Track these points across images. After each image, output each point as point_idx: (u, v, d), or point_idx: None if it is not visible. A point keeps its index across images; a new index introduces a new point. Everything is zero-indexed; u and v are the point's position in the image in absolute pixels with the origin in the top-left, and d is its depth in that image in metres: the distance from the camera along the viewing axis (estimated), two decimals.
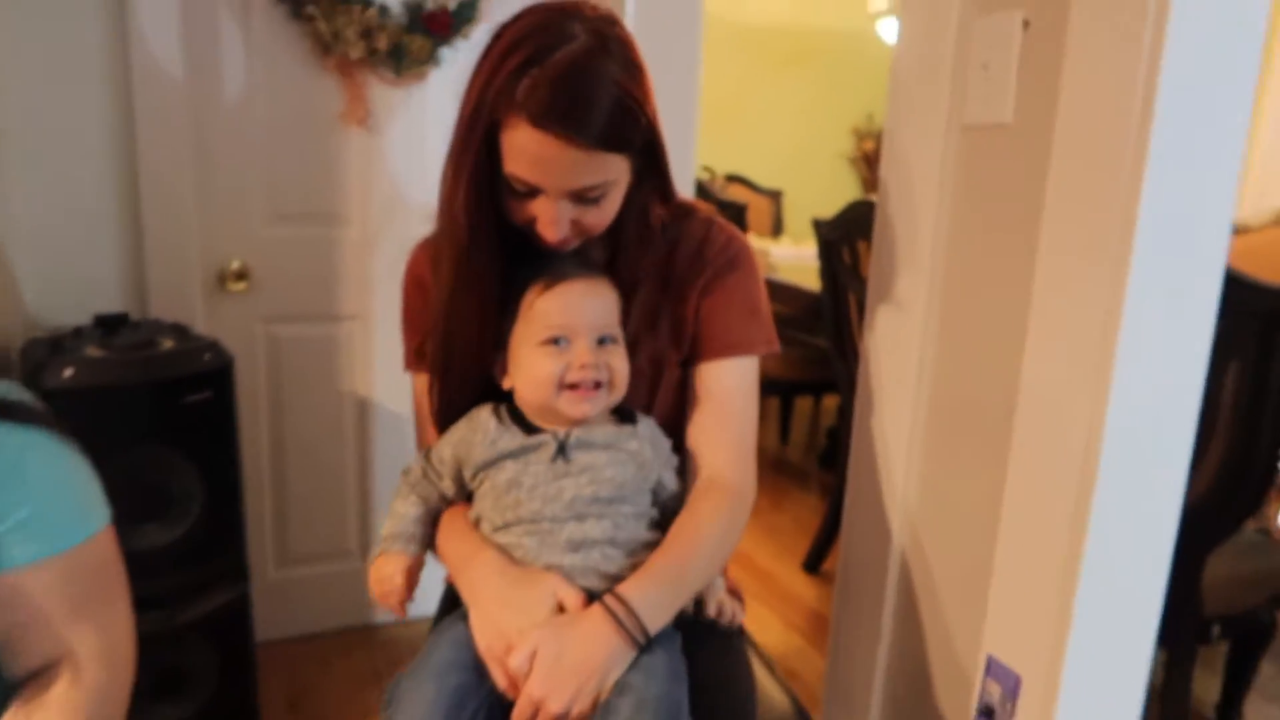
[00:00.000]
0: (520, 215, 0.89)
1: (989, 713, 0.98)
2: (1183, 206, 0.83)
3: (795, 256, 3.37)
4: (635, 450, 0.92)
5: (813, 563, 2.60)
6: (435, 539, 0.96)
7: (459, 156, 0.87)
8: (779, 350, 1.03)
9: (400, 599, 0.91)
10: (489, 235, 0.90)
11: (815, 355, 3.04)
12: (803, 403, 4.16)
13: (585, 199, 0.87)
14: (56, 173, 1.60)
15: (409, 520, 0.95)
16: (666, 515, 0.94)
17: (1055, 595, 0.91)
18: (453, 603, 0.95)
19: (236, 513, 1.53)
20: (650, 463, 0.93)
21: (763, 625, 2.30)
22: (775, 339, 1.03)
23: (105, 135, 1.61)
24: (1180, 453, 0.91)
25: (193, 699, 1.53)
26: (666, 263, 0.99)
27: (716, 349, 0.99)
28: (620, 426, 0.93)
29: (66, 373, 1.29)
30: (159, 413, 1.37)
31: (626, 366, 0.92)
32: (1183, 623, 1.42)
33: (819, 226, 2.31)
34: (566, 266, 0.92)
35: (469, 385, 0.96)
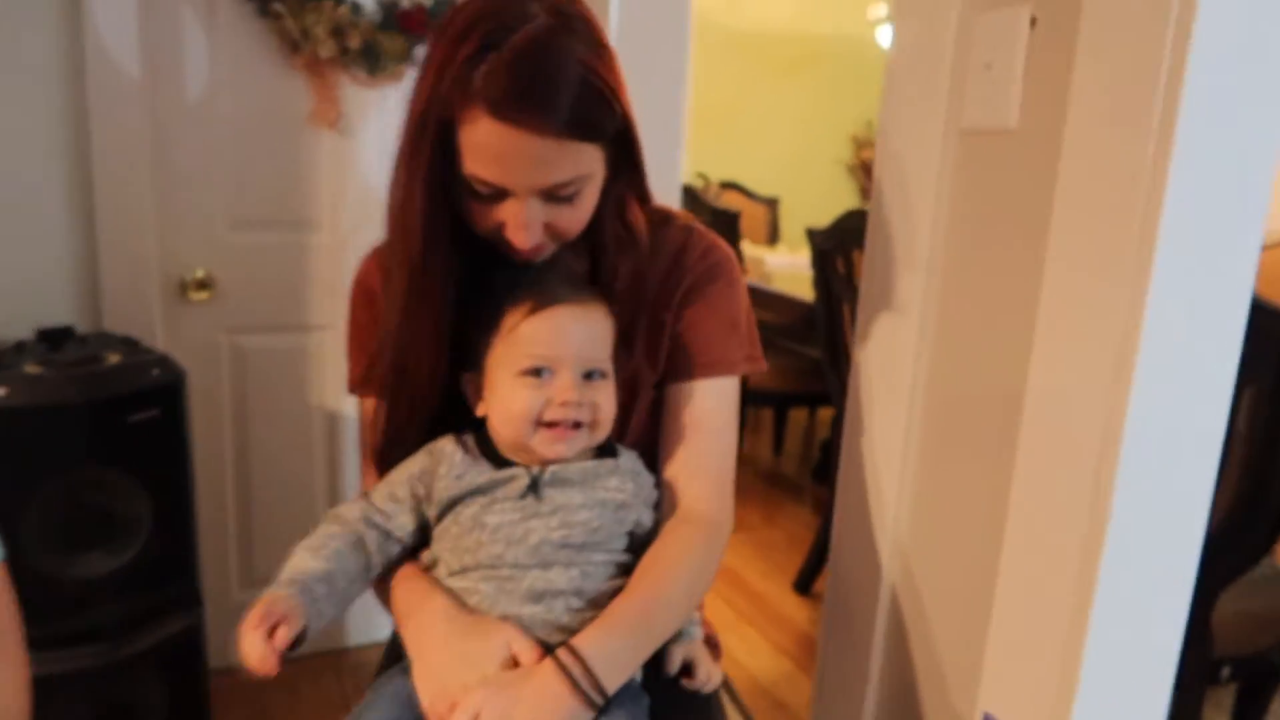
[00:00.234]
0: (485, 222, 0.80)
1: None
2: (1209, 219, 0.75)
3: (791, 265, 3.33)
4: (614, 489, 0.83)
5: (804, 583, 2.53)
6: (383, 594, 0.87)
7: (410, 158, 0.79)
8: (764, 368, 0.94)
9: (265, 658, 0.70)
10: (445, 246, 0.81)
11: (810, 366, 2.99)
12: (797, 414, 4.09)
13: (557, 198, 0.78)
14: (0, 174, 1.51)
15: (313, 576, 0.77)
16: (640, 557, 0.84)
17: (1060, 650, 0.83)
18: (397, 654, 0.86)
19: (188, 536, 1.44)
20: (630, 503, 0.84)
21: (751, 649, 2.22)
22: (759, 356, 0.94)
23: (56, 135, 1.52)
24: (1202, 487, 0.83)
25: None
26: (642, 274, 0.90)
27: (694, 368, 0.90)
28: (600, 461, 0.84)
29: (0, 391, 1.21)
30: (102, 433, 1.29)
31: (613, 405, 0.84)
32: (1192, 664, 1.34)
33: (813, 236, 2.27)
34: (557, 286, 0.83)
35: (421, 415, 0.86)
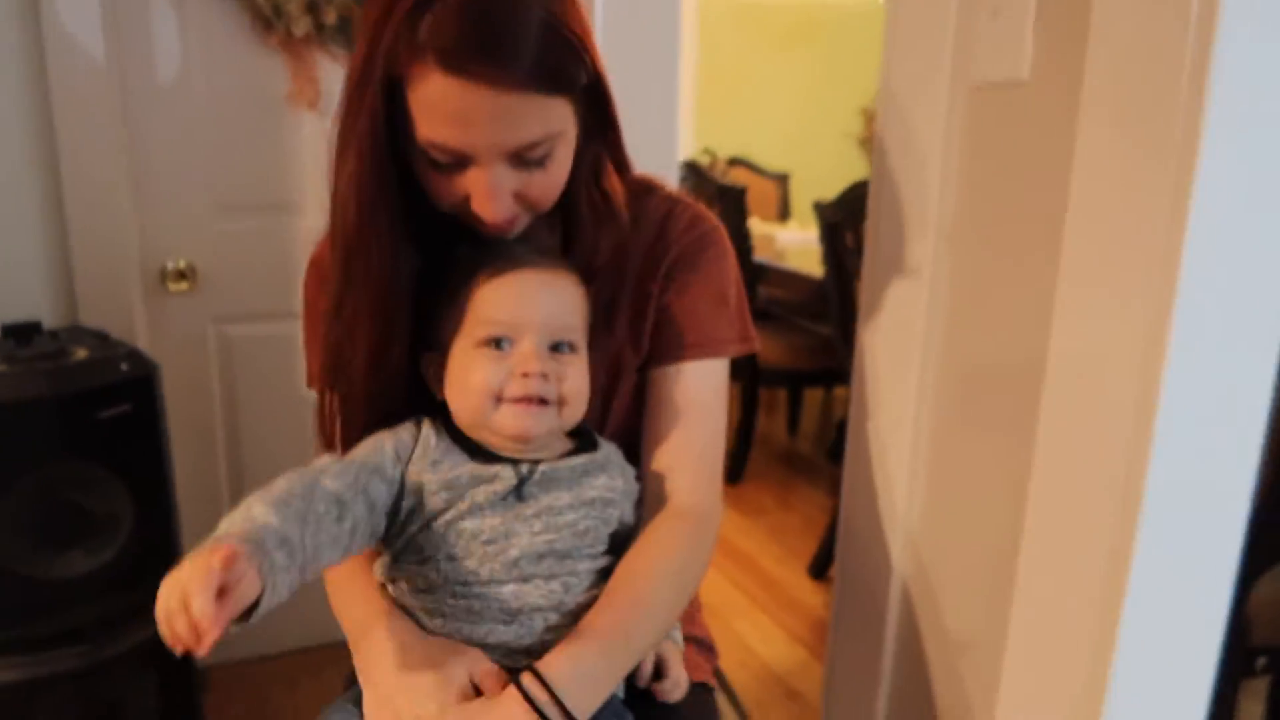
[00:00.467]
0: (449, 196, 0.72)
1: None
2: (1252, 162, 0.67)
3: (803, 241, 3.27)
4: (602, 487, 0.75)
5: (819, 567, 2.46)
6: (336, 597, 0.80)
7: (348, 123, 0.70)
8: (756, 348, 0.86)
9: (196, 625, 0.54)
10: (389, 220, 0.73)
11: (824, 344, 2.92)
12: (812, 394, 4.01)
13: (526, 161, 0.70)
14: None
15: (274, 537, 0.60)
16: (620, 558, 0.77)
17: (1089, 649, 0.75)
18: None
19: (170, 534, 1.39)
20: (617, 501, 0.76)
21: (764, 636, 2.17)
22: (751, 335, 0.86)
23: (19, 123, 1.46)
24: (1245, 463, 0.76)
25: None
26: (623, 248, 0.82)
27: (681, 348, 0.82)
28: (590, 457, 0.76)
29: None
30: (72, 429, 1.23)
31: (585, 383, 0.75)
32: (1227, 653, 1.26)
33: (821, 209, 2.21)
34: (522, 252, 0.75)
35: (367, 408, 0.78)
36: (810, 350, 3.01)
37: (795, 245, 3.29)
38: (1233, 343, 0.72)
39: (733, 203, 2.81)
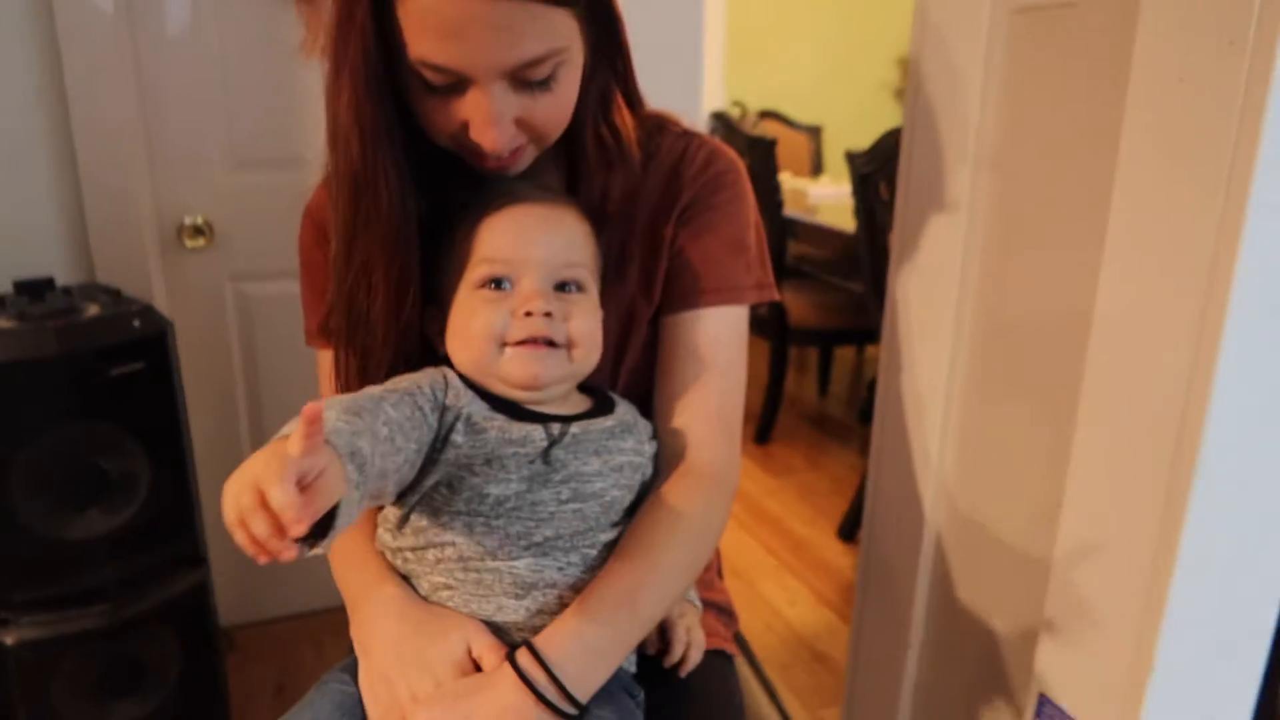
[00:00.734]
0: (445, 124, 0.66)
1: None
2: None
3: (836, 196, 3.21)
4: (631, 451, 0.70)
5: (849, 529, 2.42)
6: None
7: (339, 48, 0.65)
8: (776, 297, 0.80)
9: (278, 519, 0.46)
10: (394, 149, 0.67)
11: (856, 302, 2.85)
12: (843, 353, 3.95)
13: (529, 83, 0.64)
14: None
15: (340, 436, 0.53)
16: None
17: (1135, 619, 0.70)
18: None
19: (187, 493, 1.37)
20: (643, 467, 0.72)
21: (793, 598, 2.14)
22: (770, 282, 0.80)
23: (28, 79, 1.43)
24: None
25: (155, 692, 1.41)
26: (634, 191, 0.77)
27: (696, 295, 0.77)
28: (619, 418, 0.71)
29: None
30: (84, 387, 1.22)
31: (596, 325, 0.70)
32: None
33: (852, 159, 2.14)
34: (520, 187, 0.71)
35: (383, 366, 0.72)
36: (841, 308, 2.95)
37: (828, 200, 3.22)
38: None
39: (763, 155, 2.73)
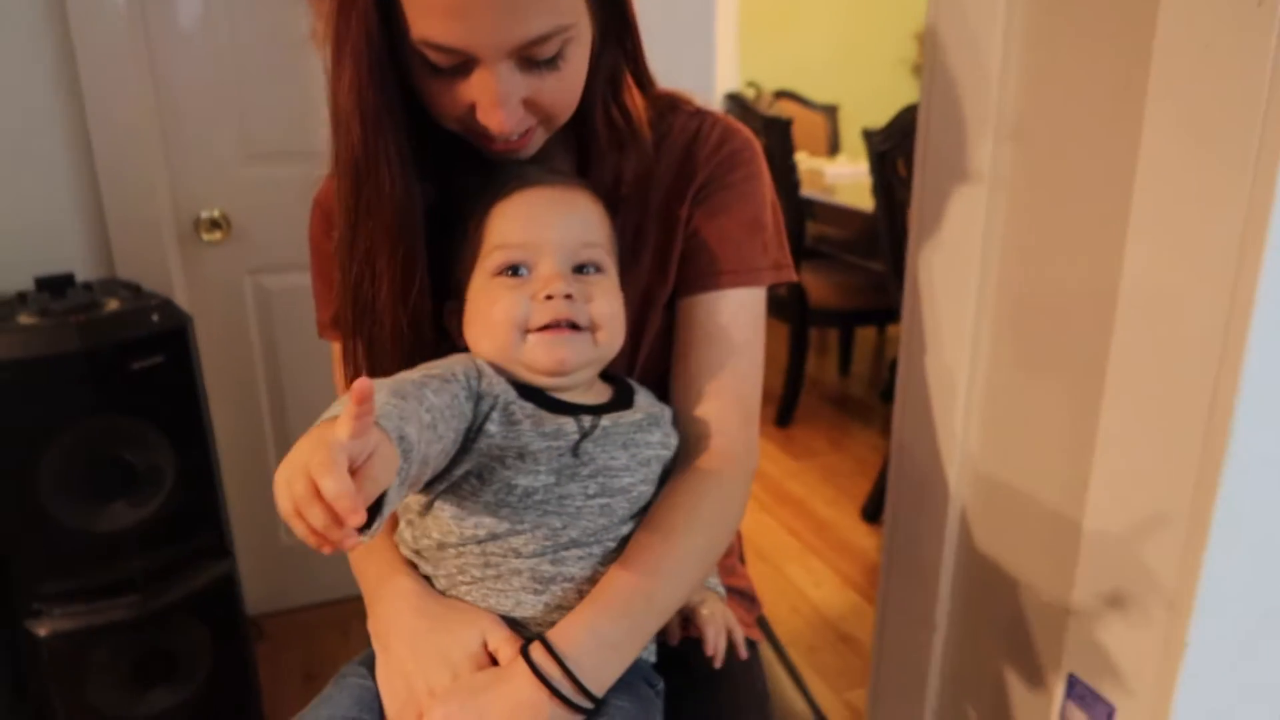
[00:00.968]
0: (451, 107, 0.65)
1: None
2: None
3: (853, 175, 3.18)
4: (658, 444, 0.69)
5: (873, 510, 2.41)
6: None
7: (340, 29, 0.63)
8: (794, 277, 0.79)
9: (333, 510, 0.44)
10: (396, 134, 0.66)
11: (876, 281, 2.82)
12: (864, 334, 3.92)
13: (536, 62, 0.63)
14: None
15: (388, 416, 0.52)
16: None
17: (1166, 598, 0.69)
18: None
19: (212, 485, 1.39)
20: (668, 459, 0.71)
21: (817, 580, 2.13)
22: (788, 262, 0.79)
23: (43, 74, 1.43)
24: None
25: (187, 682, 1.43)
26: (647, 173, 0.76)
27: (711, 277, 0.76)
28: (646, 411, 0.70)
29: None
30: (106, 382, 1.23)
31: (619, 306, 0.69)
32: None
33: (869, 137, 2.11)
34: (530, 172, 0.70)
35: (406, 357, 0.71)
36: (861, 288, 2.92)
37: (845, 179, 3.19)
38: None
39: (779, 135, 2.70)
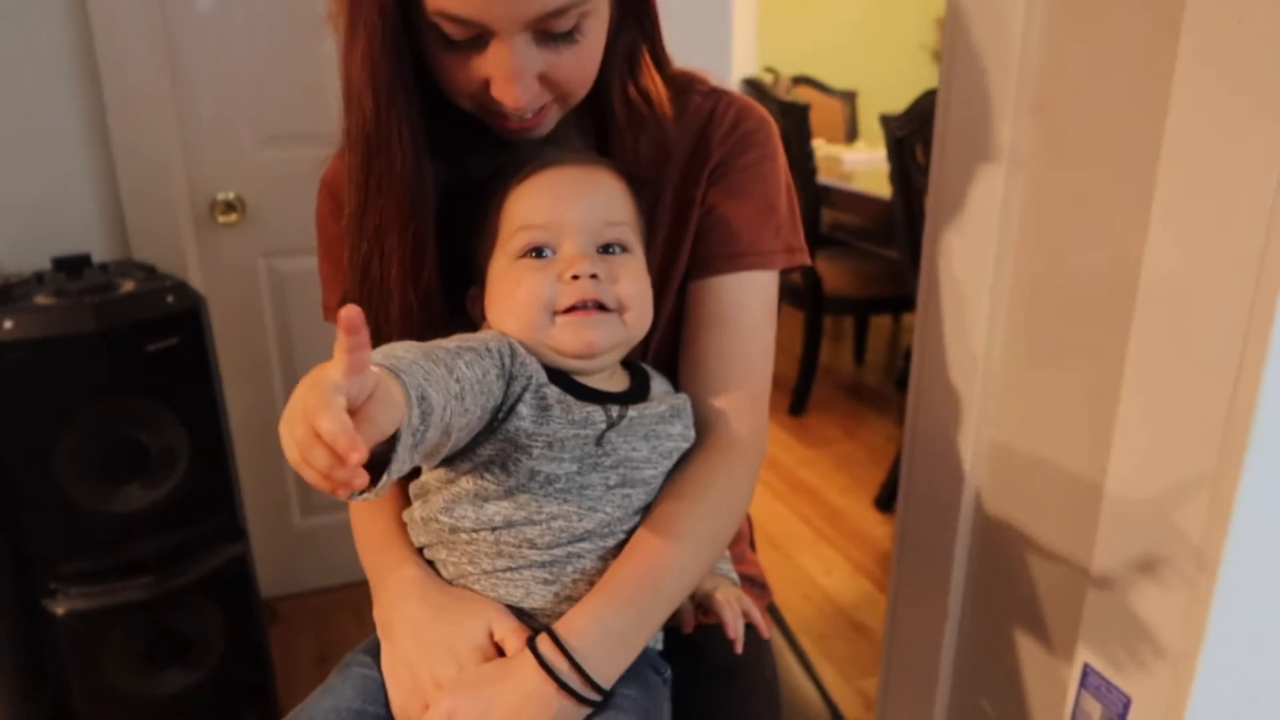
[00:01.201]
0: (466, 83, 0.64)
1: None
2: None
3: (871, 162, 3.16)
4: (678, 436, 0.68)
5: (886, 499, 2.40)
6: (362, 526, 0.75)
7: (353, 4, 0.62)
8: (807, 261, 0.78)
9: (334, 449, 0.43)
10: (409, 109, 0.65)
11: (893, 269, 2.80)
12: (879, 322, 3.89)
13: (553, 35, 0.62)
14: (9, 106, 1.43)
15: (409, 369, 0.52)
16: None
17: (1184, 590, 0.68)
18: None
19: (225, 467, 1.39)
20: (686, 450, 0.70)
21: (830, 568, 2.12)
22: (801, 246, 0.77)
23: (60, 55, 1.43)
24: None
25: (202, 663, 1.44)
26: (664, 154, 0.75)
27: (723, 260, 0.74)
28: (669, 403, 0.69)
29: (7, 324, 1.16)
30: (120, 363, 1.23)
31: (646, 285, 0.68)
32: None
33: (887, 122, 2.08)
34: (549, 151, 0.68)
35: (406, 338, 0.68)
36: (877, 276, 2.90)
37: (863, 166, 3.17)
38: None
39: (796, 121, 2.68)
